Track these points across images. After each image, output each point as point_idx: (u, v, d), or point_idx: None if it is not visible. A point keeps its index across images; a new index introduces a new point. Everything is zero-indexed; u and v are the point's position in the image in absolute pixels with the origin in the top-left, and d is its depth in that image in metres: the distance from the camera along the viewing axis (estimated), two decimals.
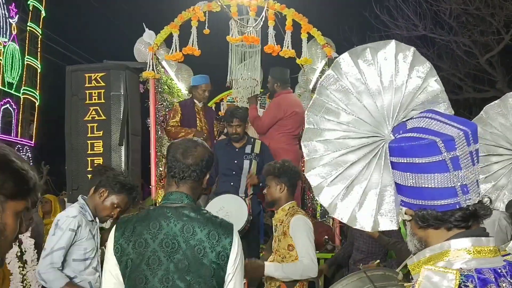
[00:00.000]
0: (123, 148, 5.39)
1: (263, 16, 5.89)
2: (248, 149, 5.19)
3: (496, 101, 1.97)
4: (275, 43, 5.92)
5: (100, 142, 5.40)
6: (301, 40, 5.97)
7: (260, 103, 7.14)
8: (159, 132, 6.04)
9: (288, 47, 5.90)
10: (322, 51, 6.06)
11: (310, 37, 6.00)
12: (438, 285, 1.18)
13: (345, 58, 1.38)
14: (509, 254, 1.34)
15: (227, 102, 8.98)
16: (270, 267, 3.33)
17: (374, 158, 1.35)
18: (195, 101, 6.06)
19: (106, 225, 3.73)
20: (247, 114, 5.38)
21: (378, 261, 3.98)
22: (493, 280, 1.21)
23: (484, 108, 2.01)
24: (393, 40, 1.38)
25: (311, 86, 6.89)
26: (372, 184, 1.37)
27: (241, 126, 5.14)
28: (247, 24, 5.90)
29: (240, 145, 5.20)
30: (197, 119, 6.02)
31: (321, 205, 6.23)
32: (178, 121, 5.94)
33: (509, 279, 1.25)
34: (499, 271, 1.25)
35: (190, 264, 2.04)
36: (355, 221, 1.40)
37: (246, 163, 5.15)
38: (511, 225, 3.29)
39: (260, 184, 5.08)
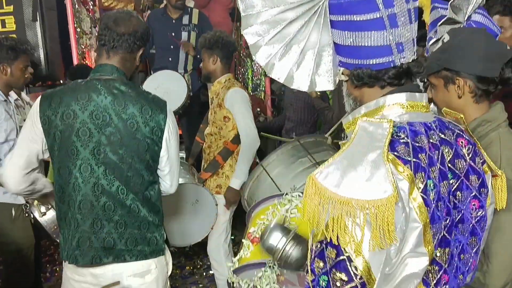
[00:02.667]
0: (37, 24, 4.96)
1: None
2: (185, 19, 4.92)
3: None
4: None
5: (11, 18, 4.94)
6: None
7: None
8: (76, 6, 5.57)
9: None
10: None
11: None
12: (373, 133, 1.22)
13: None
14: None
15: None
16: (235, 180, 3.40)
17: (314, 16, 1.30)
18: None
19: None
20: None
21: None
22: (423, 132, 1.27)
23: None
24: None
25: None
26: (310, 44, 1.34)
27: None
28: None
29: (177, 16, 4.91)
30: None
31: (252, 79, 6.25)
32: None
33: (438, 133, 1.32)
34: (430, 125, 1.32)
35: (122, 137, 2.02)
36: (292, 80, 1.39)
37: (184, 35, 4.91)
38: None
39: (198, 56, 4.94)
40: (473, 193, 1.37)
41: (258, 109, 5.39)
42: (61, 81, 5.30)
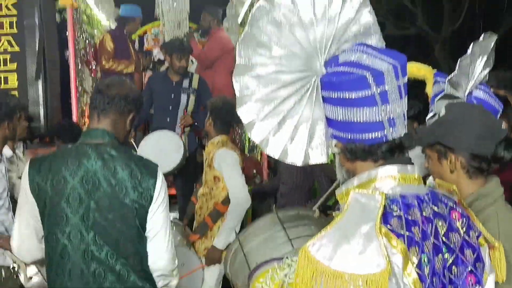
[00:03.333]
0: (40, 82, 5.04)
1: None
2: (185, 83, 5.02)
3: None
4: None
5: (14, 75, 5.03)
6: None
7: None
8: (79, 65, 5.70)
9: None
10: None
11: None
12: (365, 205, 1.22)
13: None
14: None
15: (151, 35, 8.61)
16: (219, 239, 3.37)
17: (306, 93, 1.33)
18: (125, 32, 5.78)
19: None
20: None
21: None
22: (416, 205, 1.27)
23: None
24: None
25: (239, 20, 6.75)
26: (303, 119, 1.37)
27: (188, 59, 5.02)
28: None
29: (177, 79, 5.02)
30: (131, 50, 5.76)
31: (249, 140, 6.30)
32: (112, 53, 5.66)
33: (431, 205, 1.32)
34: (422, 197, 1.32)
35: (111, 202, 1.98)
36: (287, 155, 1.40)
37: (183, 97, 4.99)
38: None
39: (196, 124, 5.01)
40: (469, 268, 1.35)
41: (254, 171, 5.38)
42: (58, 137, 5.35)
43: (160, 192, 2.06)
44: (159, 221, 2.08)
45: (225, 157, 3.45)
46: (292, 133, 1.38)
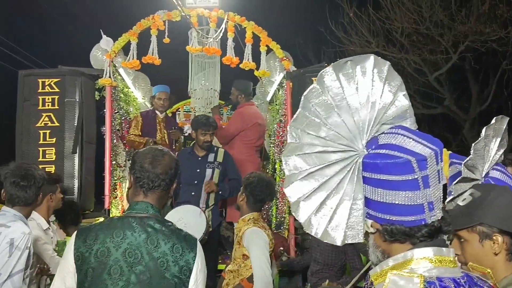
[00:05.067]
0: (76, 156, 5.26)
1: (223, 27, 5.91)
2: (211, 157, 5.15)
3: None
4: (234, 55, 5.94)
5: (52, 149, 5.26)
6: (260, 52, 6.01)
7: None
8: (114, 141, 5.93)
9: (248, 59, 5.93)
10: (280, 64, 6.13)
11: (268, 50, 6.05)
12: (404, 287, 1.22)
13: (328, 72, 1.40)
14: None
15: (183, 111, 8.93)
16: None
17: (348, 173, 1.36)
18: (156, 111, 6.06)
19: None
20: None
21: (327, 281, 4.05)
22: None
23: None
24: (372, 55, 1.41)
25: (268, 98, 6.97)
26: (344, 198, 1.39)
27: (213, 134, 5.16)
28: (207, 34, 5.91)
29: (203, 154, 5.15)
30: (158, 129, 6.00)
31: (276, 216, 6.28)
32: (139, 131, 5.92)
33: None
34: (458, 281, 1.31)
35: (151, 276, 2.01)
36: (327, 235, 1.41)
37: (208, 171, 5.11)
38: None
39: (220, 193, 5.07)
40: None
41: (281, 248, 5.33)
42: (91, 211, 5.46)
43: (199, 265, 2.11)
44: None
45: (253, 236, 3.44)
46: (333, 213, 1.40)
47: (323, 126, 1.38)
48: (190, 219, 4.46)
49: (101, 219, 5.19)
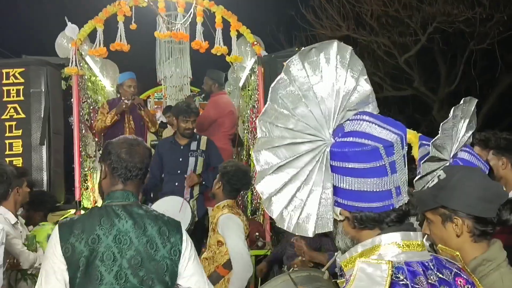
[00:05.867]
0: (44, 148, 5.15)
1: (191, 12, 5.82)
2: (193, 145, 5.07)
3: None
4: (203, 40, 5.86)
5: (19, 141, 5.14)
6: (230, 38, 5.95)
7: None
8: (83, 131, 5.79)
9: (219, 44, 5.85)
10: (251, 49, 6.08)
11: (239, 35, 5.99)
12: (372, 275, 1.22)
13: (294, 61, 1.37)
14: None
15: (154, 99, 8.81)
16: None
17: (317, 163, 1.35)
18: (123, 99, 5.86)
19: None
20: None
21: (299, 258, 4.07)
22: (421, 272, 1.27)
23: None
24: (335, 41, 1.38)
25: (241, 84, 6.93)
26: (313, 189, 1.37)
27: (194, 121, 5.06)
28: (175, 20, 5.81)
29: (185, 142, 5.06)
30: (125, 117, 5.86)
31: (251, 202, 6.29)
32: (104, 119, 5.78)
33: (435, 272, 1.32)
34: (427, 264, 1.31)
35: (142, 259, 2.09)
36: (299, 227, 1.39)
37: (191, 160, 5.02)
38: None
39: (204, 183, 5.01)
40: None
41: (257, 234, 5.33)
42: (61, 203, 5.35)
43: (187, 246, 2.20)
44: (192, 271, 2.20)
45: (228, 222, 3.44)
46: (303, 205, 1.38)
47: (291, 118, 1.36)
48: (175, 211, 4.37)
49: (72, 211, 5.09)
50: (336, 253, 1.58)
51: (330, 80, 1.35)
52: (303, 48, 1.40)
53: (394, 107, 12.97)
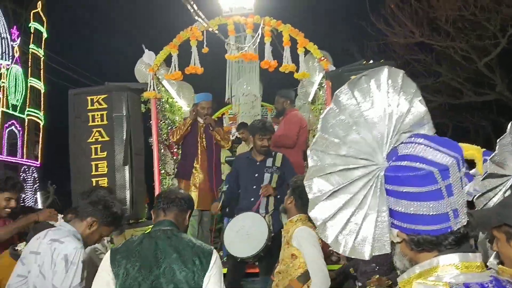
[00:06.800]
0: (127, 168, 5.46)
1: (259, 33, 5.98)
2: (269, 162, 5.12)
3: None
4: (271, 59, 5.99)
5: (104, 162, 5.48)
6: (298, 55, 6.03)
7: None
8: (162, 150, 6.11)
9: (287, 62, 5.96)
10: (319, 64, 6.12)
11: (306, 51, 6.06)
12: None
13: (343, 90, 1.40)
14: (490, 268, 1.39)
15: (228, 115, 9.06)
16: None
17: (372, 187, 1.36)
18: (198, 118, 6.06)
19: None
20: None
21: (377, 276, 4.03)
22: None
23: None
24: (386, 67, 1.40)
25: (310, 99, 6.99)
26: (369, 212, 1.39)
27: (270, 139, 5.15)
28: (245, 41, 5.99)
29: (261, 159, 5.14)
30: (198, 135, 6.09)
31: None
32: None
33: None
34: (486, 285, 1.30)
35: (174, 273, 2.42)
36: (355, 251, 1.41)
37: (266, 176, 5.07)
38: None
39: (278, 197, 5.06)
40: None
41: (330, 248, 5.30)
42: (144, 219, 5.66)
43: (213, 269, 2.48)
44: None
45: (305, 234, 3.47)
46: (359, 229, 1.40)
47: (342, 145, 1.38)
48: (251, 227, 4.47)
49: None
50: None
51: (381, 105, 1.37)
52: (371, 61, 1.44)
53: (477, 112, 12.40)
